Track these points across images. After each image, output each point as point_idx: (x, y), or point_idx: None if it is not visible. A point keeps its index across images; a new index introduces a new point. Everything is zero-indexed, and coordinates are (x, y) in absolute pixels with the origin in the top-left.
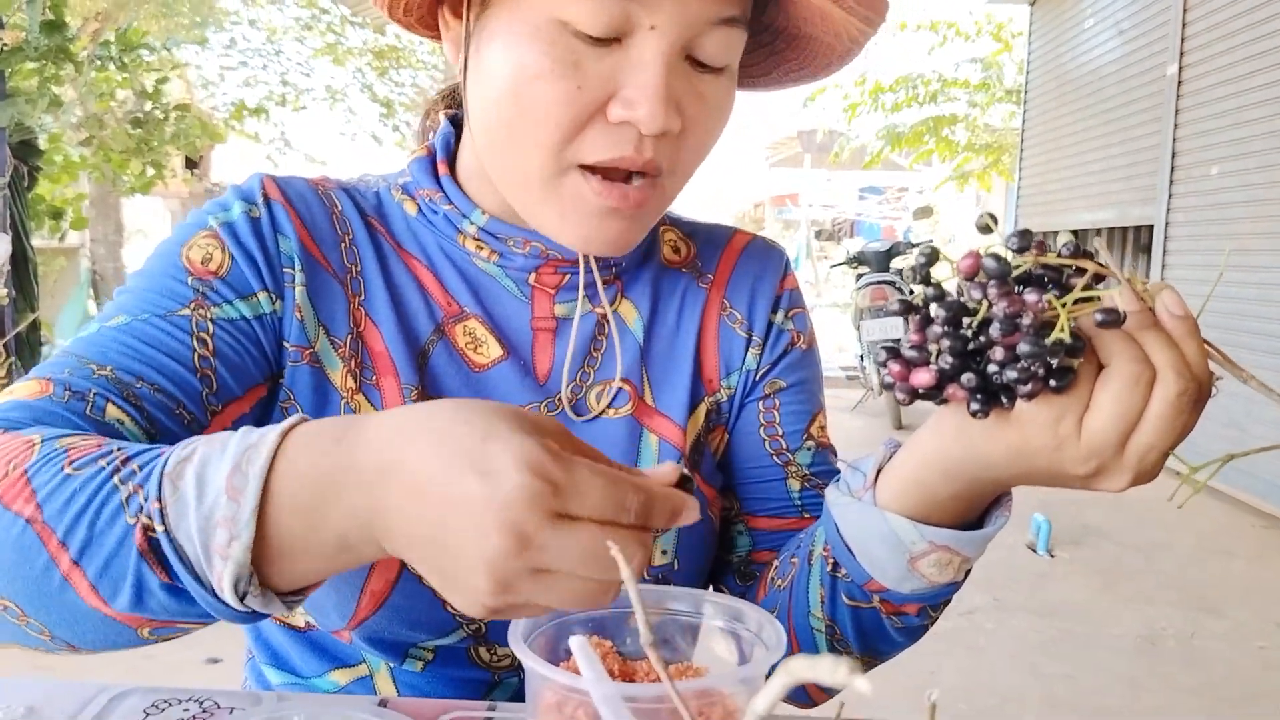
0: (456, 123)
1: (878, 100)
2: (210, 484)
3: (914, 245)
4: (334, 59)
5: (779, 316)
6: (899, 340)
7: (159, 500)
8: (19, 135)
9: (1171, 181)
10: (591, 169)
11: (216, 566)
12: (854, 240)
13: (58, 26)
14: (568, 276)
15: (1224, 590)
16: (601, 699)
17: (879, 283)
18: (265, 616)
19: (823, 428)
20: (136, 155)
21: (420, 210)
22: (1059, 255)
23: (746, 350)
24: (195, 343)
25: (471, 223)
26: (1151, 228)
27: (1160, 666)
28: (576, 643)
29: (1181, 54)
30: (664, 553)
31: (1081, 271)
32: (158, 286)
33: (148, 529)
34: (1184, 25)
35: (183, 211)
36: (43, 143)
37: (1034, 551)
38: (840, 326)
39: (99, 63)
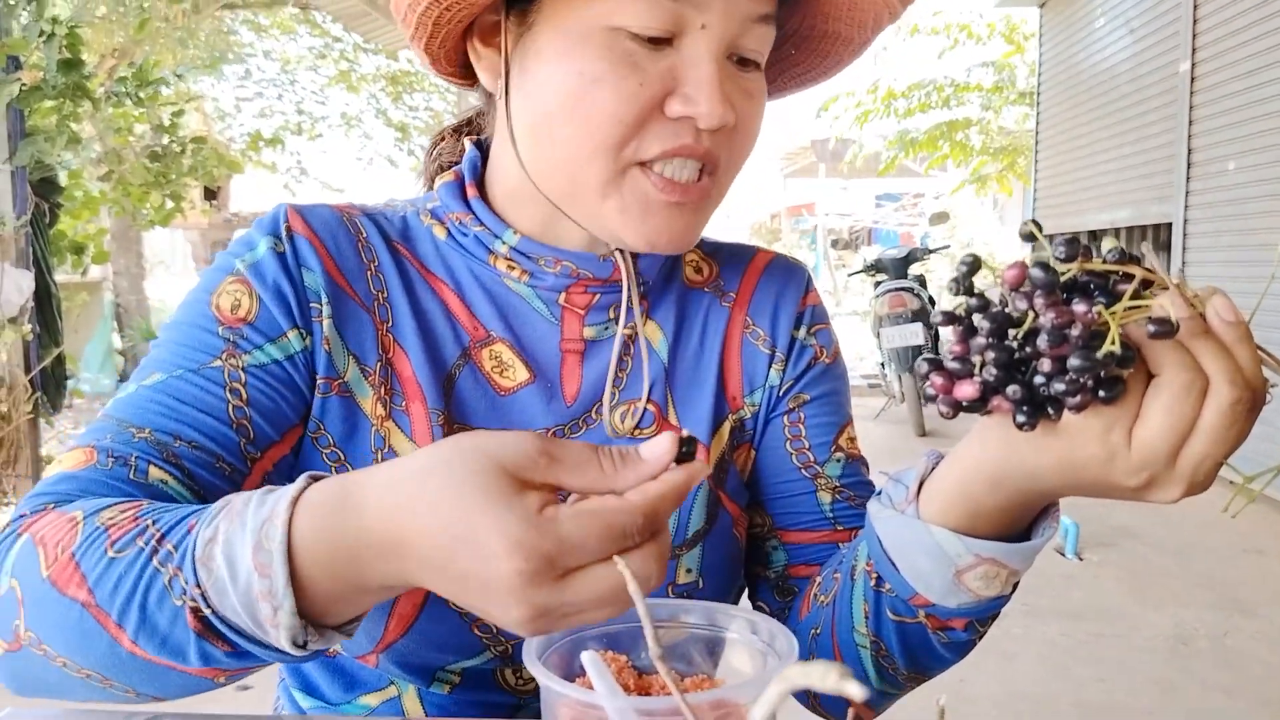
0: (480, 148)
1: (890, 106)
2: (240, 563)
3: (931, 251)
4: (348, 86)
5: (801, 332)
6: (927, 351)
7: (198, 586)
8: (39, 173)
9: (1188, 179)
10: (651, 168)
11: (270, 633)
12: (872, 248)
13: (75, 65)
14: (597, 296)
15: (1257, 589)
16: (615, 712)
17: (897, 289)
18: (329, 647)
19: (852, 439)
20: (155, 188)
21: (450, 234)
22: (1104, 261)
23: (769, 366)
24: (229, 394)
25: (504, 242)
26: (1170, 225)
27: (1194, 668)
28: (589, 657)
29: (1194, 50)
30: (689, 571)
31: (1129, 277)
32: (189, 339)
33: (196, 610)
34: (1195, 22)
35: (203, 242)
36: (63, 179)
37: (1062, 555)
38: (861, 334)
39: (116, 98)
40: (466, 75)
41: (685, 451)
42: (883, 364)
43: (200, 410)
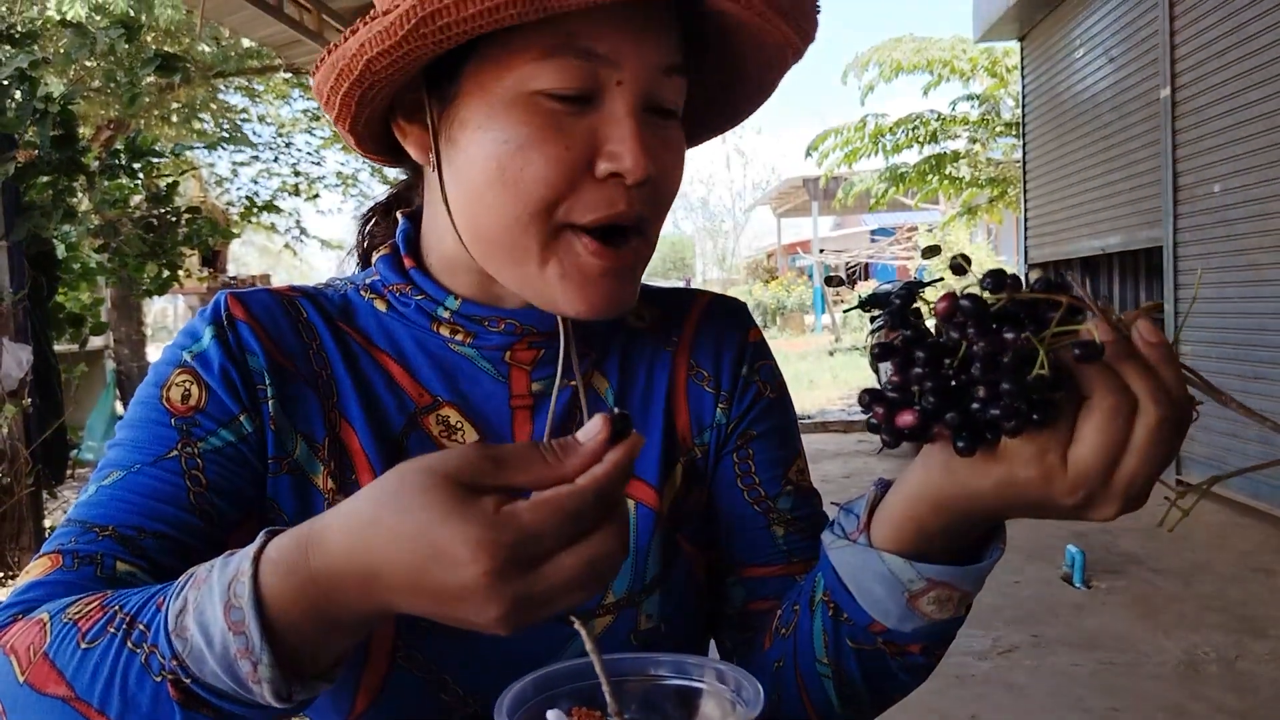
0: (411, 219)
1: (879, 143)
2: (213, 626)
3: (924, 285)
4: (343, 146)
5: (745, 370)
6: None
7: (175, 658)
8: (36, 247)
9: (1176, 202)
10: (584, 229)
11: (254, 690)
12: (869, 282)
13: (69, 140)
14: (542, 351)
15: (1265, 609)
16: None
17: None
18: (316, 697)
19: (802, 471)
20: (152, 258)
21: (391, 305)
22: (1032, 290)
23: (716, 405)
24: (188, 481)
25: (445, 308)
26: (1161, 249)
27: (1206, 692)
28: (553, 715)
29: (1173, 76)
30: (649, 617)
31: (1056, 305)
32: (144, 435)
33: (176, 682)
34: (1173, 48)
35: (202, 306)
36: (60, 252)
37: (1070, 584)
38: (860, 369)
39: (110, 171)
40: (389, 152)
41: (619, 429)
42: None
43: (161, 501)
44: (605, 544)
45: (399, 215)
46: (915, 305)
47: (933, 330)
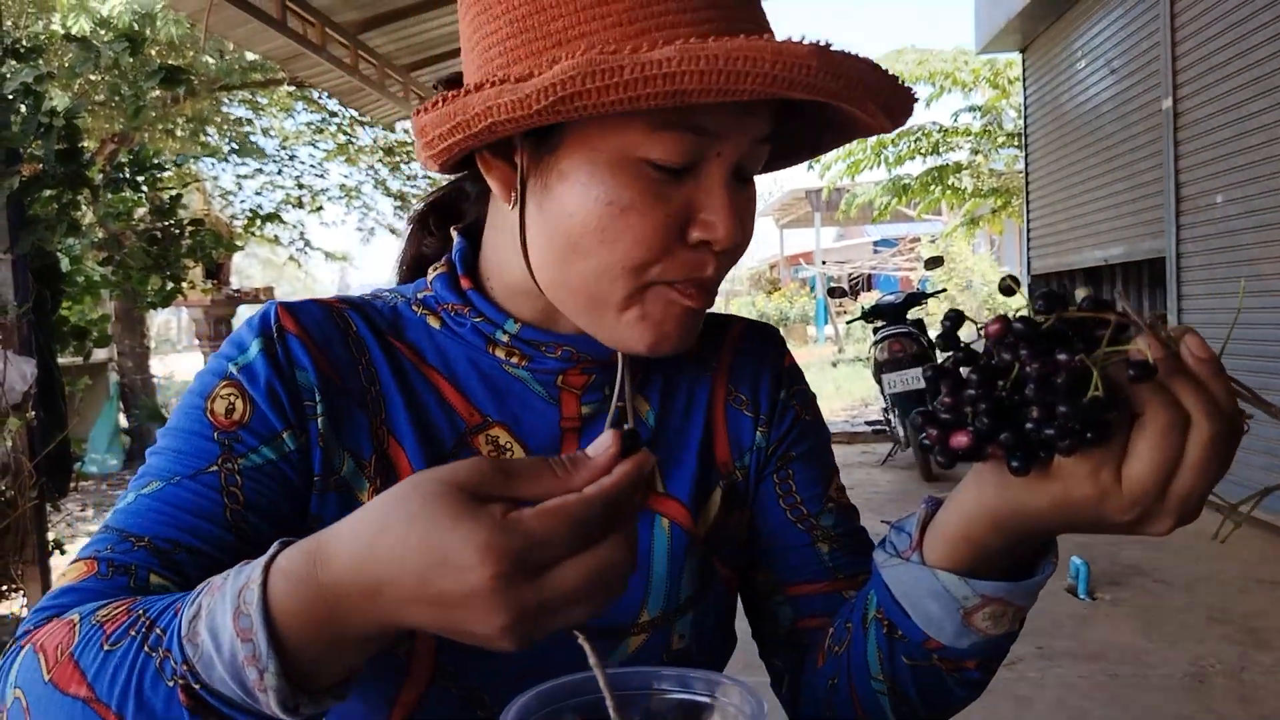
0: (465, 234)
1: (881, 155)
2: (223, 633)
3: (927, 295)
4: (347, 159)
5: (782, 394)
6: (929, 403)
7: (185, 662)
8: (40, 260)
9: (1178, 213)
10: (668, 289)
11: (260, 698)
12: (872, 293)
13: (73, 154)
14: (592, 377)
15: (1272, 621)
16: None
17: (896, 335)
18: (326, 711)
19: (840, 489)
20: (155, 271)
21: (445, 323)
22: (1080, 309)
23: (755, 429)
24: (226, 498)
25: (505, 332)
26: (1163, 260)
27: (1212, 704)
28: None
29: (1175, 87)
30: (681, 637)
31: (1105, 323)
32: (186, 446)
33: (186, 688)
34: (1174, 59)
35: (206, 319)
36: (64, 265)
37: (1074, 595)
38: (864, 380)
39: (115, 184)
40: (458, 167)
41: (630, 445)
42: (886, 409)
43: (198, 516)
44: (612, 554)
45: (454, 233)
46: (960, 327)
47: (980, 350)
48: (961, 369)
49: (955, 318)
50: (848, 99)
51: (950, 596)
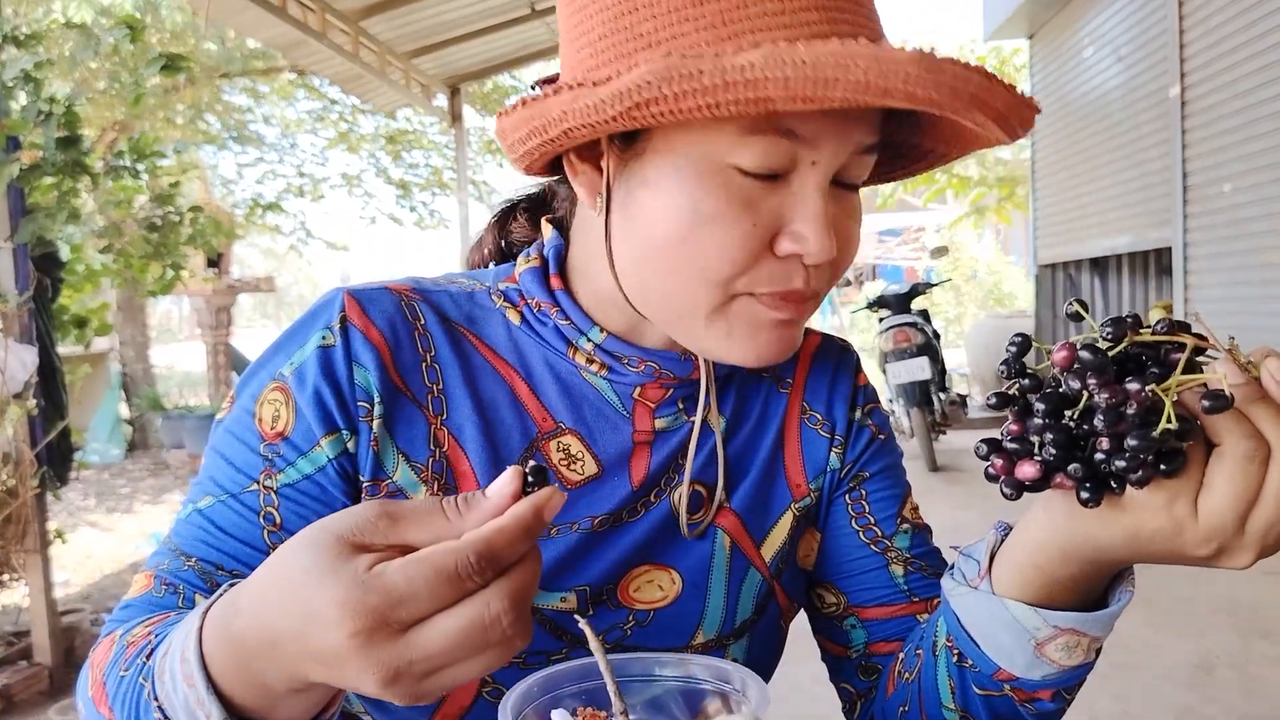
0: (558, 228)
1: None
2: (177, 675)
3: (932, 285)
4: (348, 147)
5: (858, 414)
6: (934, 385)
7: (156, 699)
8: (40, 249)
9: (1185, 202)
10: (758, 298)
11: None
12: (877, 283)
13: (74, 142)
14: (669, 391)
15: (1278, 612)
16: None
17: (901, 325)
18: None
19: (915, 509)
20: (155, 259)
21: (525, 319)
22: (1154, 333)
23: (830, 450)
24: (263, 520)
25: (589, 340)
26: (1170, 250)
27: (1217, 695)
28: (558, 715)
29: (1183, 75)
30: (734, 660)
31: (1180, 346)
32: (235, 455)
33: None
34: (1182, 46)
35: (207, 308)
36: (64, 254)
37: None
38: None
39: (115, 172)
40: (548, 171)
41: (532, 483)
42: (890, 400)
43: (239, 540)
44: (487, 608)
45: (546, 225)
46: (1025, 354)
47: (1047, 377)
48: (1030, 397)
49: (1022, 343)
50: (952, 109)
51: (1021, 627)
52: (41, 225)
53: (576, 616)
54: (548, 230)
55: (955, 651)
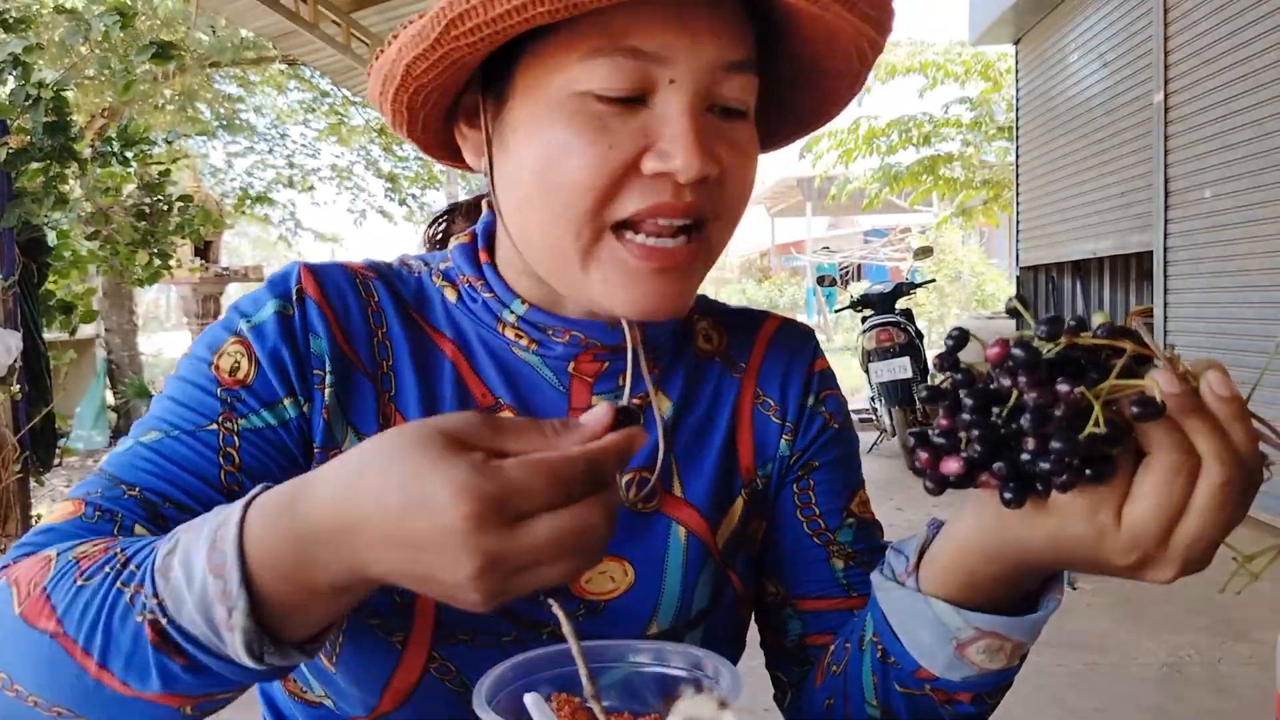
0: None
1: (873, 144)
2: (195, 568)
3: (916, 285)
4: (339, 139)
5: (811, 400)
6: (916, 385)
7: (155, 595)
8: (27, 234)
9: (1167, 207)
10: (634, 230)
11: (226, 638)
12: (861, 283)
13: (61, 127)
14: (606, 364)
15: (1249, 613)
16: None
17: (884, 324)
18: (293, 668)
19: (864, 503)
20: (143, 247)
21: (461, 297)
22: (1094, 336)
23: (780, 437)
24: (222, 459)
25: (512, 312)
26: (1151, 254)
27: (1188, 694)
28: (531, 699)
29: (1166, 81)
30: None
31: (1121, 351)
32: (189, 398)
33: (154, 623)
34: (1166, 53)
35: (194, 297)
36: (51, 239)
37: None
38: (851, 369)
39: (103, 159)
40: (461, 157)
41: (624, 421)
42: (873, 398)
43: (192, 474)
44: (590, 515)
45: (485, 205)
46: (962, 348)
47: (982, 373)
48: (961, 393)
49: (959, 337)
50: None
51: (943, 626)
52: (28, 210)
53: (550, 601)
54: (484, 209)
55: (880, 647)
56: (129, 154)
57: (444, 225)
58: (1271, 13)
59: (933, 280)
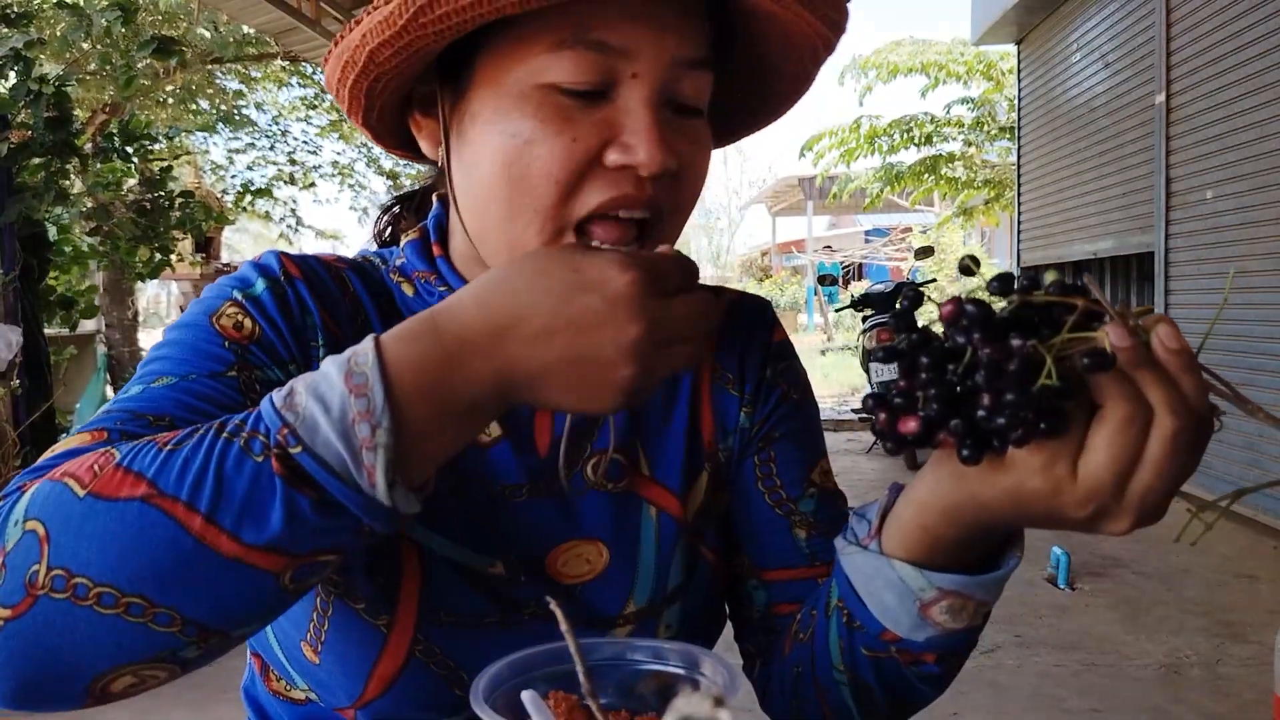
0: (444, 204)
1: (874, 143)
2: (331, 394)
3: (917, 285)
4: (340, 135)
5: (769, 372)
6: (886, 386)
7: (285, 427)
8: (27, 229)
9: (1168, 208)
10: (594, 225)
11: (366, 460)
12: (862, 282)
13: (63, 122)
14: None
15: (1248, 614)
16: None
17: (884, 324)
18: (405, 520)
19: (826, 473)
20: (144, 242)
21: (418, 291)
22: (1046, 294)
23: (740, 409)
24: (247, 401)
25: None
26: (1152, 255)
27: (1186, 696)
28: (528, 696)
29: (1168, 82)
30: (668, 627)
31: (1074, 309)
32: (197, 351)
33: (282, 458)
34: (1169, 55)
35: (195, 292)
36: (52, 235)
37: (1054, 585)
38: (852, 369)
39: (104, 154)
40: (410, 146)
41: None
42: None
43: (220, 408)
44: (706, 297)
45: (434, 199)
46: (918, 307)
47: (940, 334)
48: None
49: (914, 297)
50: None
51: (906, 588)
52: (29, 205)
53: (548, 598)
54: (434, 203)
55: (845, 612)
56: (130, 149)
57: (391, 221)
58: (1274, 14)
59: (934, 280)
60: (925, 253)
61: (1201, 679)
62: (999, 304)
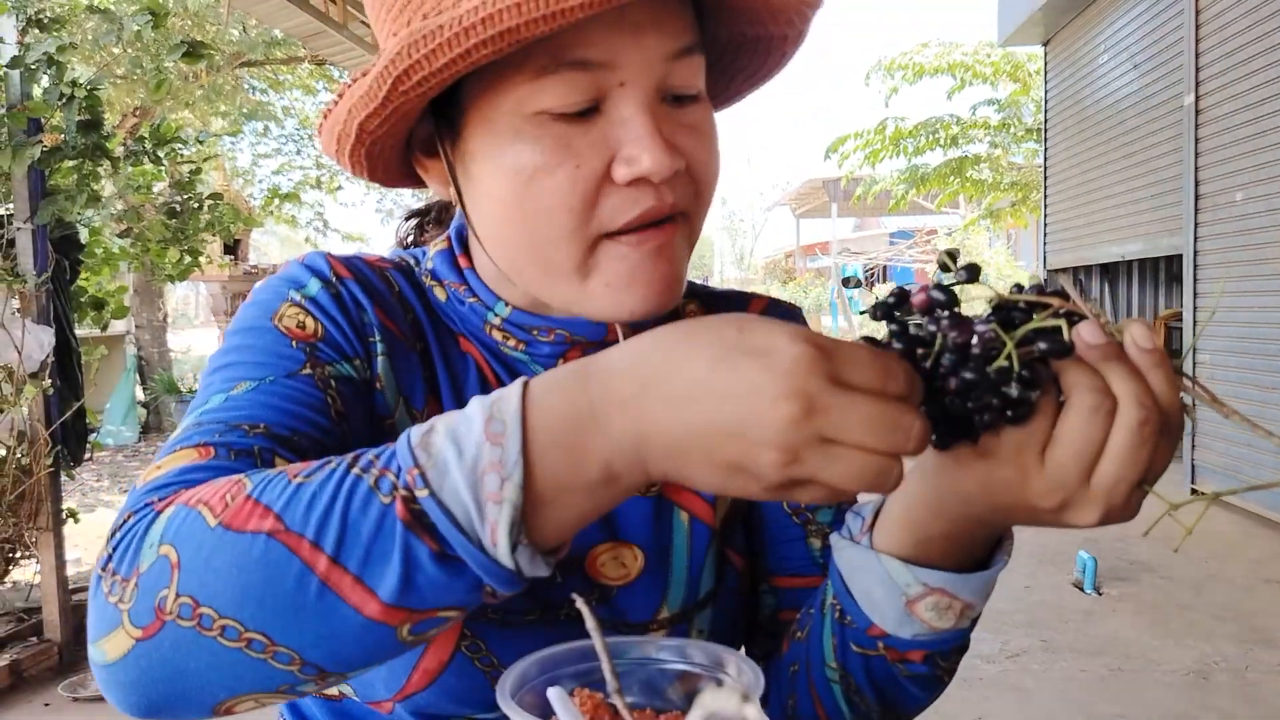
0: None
1: (899, 145)
2: (467, 439)
3: (920, 288)
4: None
5: None
6: None
7: (416, 468)
8: (60, 230)
9: (1197, 210)
10: (624, 237)
11: (490, 515)
12: (886, 285)
13: (94, 126)
14: None
15: (1277, 620)
16: None
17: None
18: (527, 585)
19: None
20: (174, 244)
21: (449, 298)
22: (1023, 292)
23: None
24: (329, 398)
25: (497, 315)
26: (1181, 257)
27: (1214, 701)
28: (554, 693)
29: (1198, 83)
30: (700, 631)
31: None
32: (269, 353)
33: (408, 500)
34: (1198, 55)
35: (223, 294)
36: (83, 236)
37: (1081, 590)
38: None
39: (135, 157)
40: (413, 178)
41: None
42: None
43: (309, 408)
44: (906, 417)
45: (458, 209)
46: (903, 303)
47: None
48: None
49: (899, 292)
50: None
51: (893, 582)
52: (61, 207)
53: (574, 596)
54: (457, 214)
55: (838, 608)
56: (161, 153)
57: (413, 232)
58: None
59: (957, 282)
60: (949, 261)
61: (1229, 685)
62: (988, 294)
